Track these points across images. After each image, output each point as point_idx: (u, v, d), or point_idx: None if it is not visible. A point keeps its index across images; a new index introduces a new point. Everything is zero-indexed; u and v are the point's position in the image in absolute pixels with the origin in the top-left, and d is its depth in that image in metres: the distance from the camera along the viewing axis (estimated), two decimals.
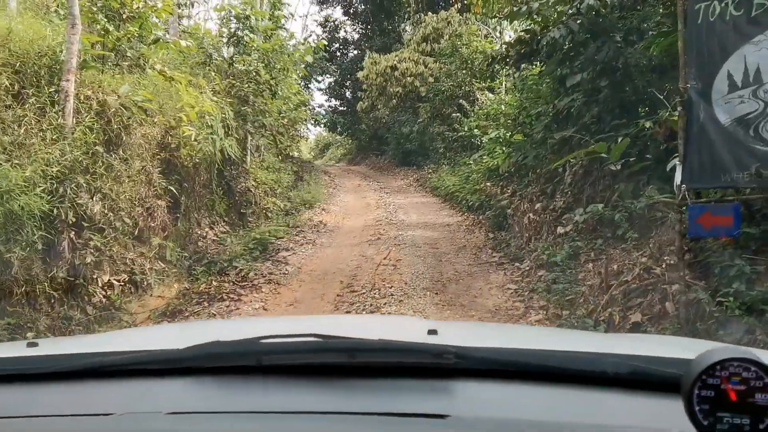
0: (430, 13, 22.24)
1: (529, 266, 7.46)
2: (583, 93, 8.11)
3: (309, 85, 26.44)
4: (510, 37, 16.30)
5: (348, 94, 30.47)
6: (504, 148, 12.00)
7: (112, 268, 6.50)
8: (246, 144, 12.38)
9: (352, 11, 29.67)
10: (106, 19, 7.42)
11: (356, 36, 30.73)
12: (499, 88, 17.21)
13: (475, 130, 16.13)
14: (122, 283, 6.54)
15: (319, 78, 29.21)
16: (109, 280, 6.41)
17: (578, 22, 7.52)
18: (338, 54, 30.73)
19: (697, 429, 0.91)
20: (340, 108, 30.93)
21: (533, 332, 3.22)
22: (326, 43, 22.92)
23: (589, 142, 7.68)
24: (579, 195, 7.97)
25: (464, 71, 18.89)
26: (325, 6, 30.42)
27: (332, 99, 31.59)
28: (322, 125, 30.88)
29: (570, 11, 7.92)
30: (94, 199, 6.26)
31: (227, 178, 11.04)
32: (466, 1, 18.60)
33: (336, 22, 30.42)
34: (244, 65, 11.45)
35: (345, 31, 30.92)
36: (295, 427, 1.09)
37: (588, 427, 1.09)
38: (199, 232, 9.46)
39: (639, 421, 1.10)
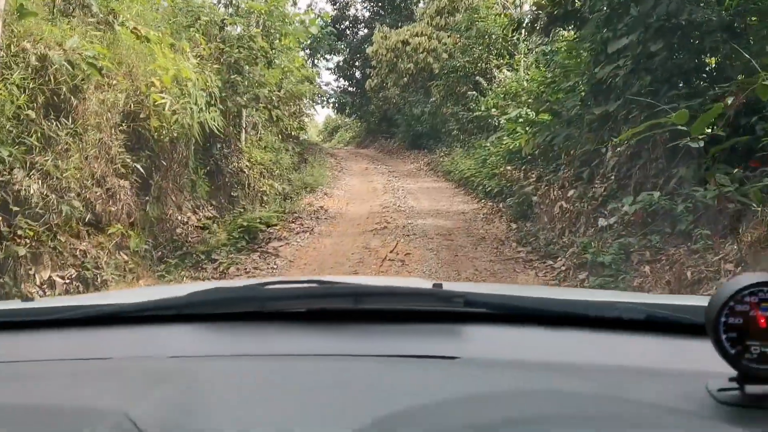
0: None
1: (566, 266, 6.18)
2: (631, 59, 6.77)
3: (315, 62, 25.13)
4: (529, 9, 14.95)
5: (357, 74, 29.16)
6: (527, 128, 10.72)
7: (55, 261, 5.31)
8: (240, 120, 11.12)
9: None
10: None
11: (367, 14, 29.34)
12: (518, 65, 15.90)
13: (493, 110, 14.83)
14: (68, 280, 5.35)
15: (327, 56, 27.90)
16: (50, 276, 5.21)
17: None
18: (348, 32, 29.36)
19: (723, 358, 0.79)
20: (349, 88, 29.66)
21: (544, 289, 3.27)
22: (332, 14, 21.52)
23: (639, 118, 6.39)
24: (625, 181, 6.68)
25: (481, 47, 17.54)
26: None
27: (341, 79, 30.32)
28: (330, 105, 29.63)
29: None
30: (30, 177, 5.05)
31: (215, 157, 9.80)
32: None
33: None
34: (237, 28, 10.12)
35: (355, 9, 29.52)
36: (301, 368, 1.01)
37: (601, 367, 1.01)
38: (179, 218, 8.24)
39: (655, 363, 1.03)
